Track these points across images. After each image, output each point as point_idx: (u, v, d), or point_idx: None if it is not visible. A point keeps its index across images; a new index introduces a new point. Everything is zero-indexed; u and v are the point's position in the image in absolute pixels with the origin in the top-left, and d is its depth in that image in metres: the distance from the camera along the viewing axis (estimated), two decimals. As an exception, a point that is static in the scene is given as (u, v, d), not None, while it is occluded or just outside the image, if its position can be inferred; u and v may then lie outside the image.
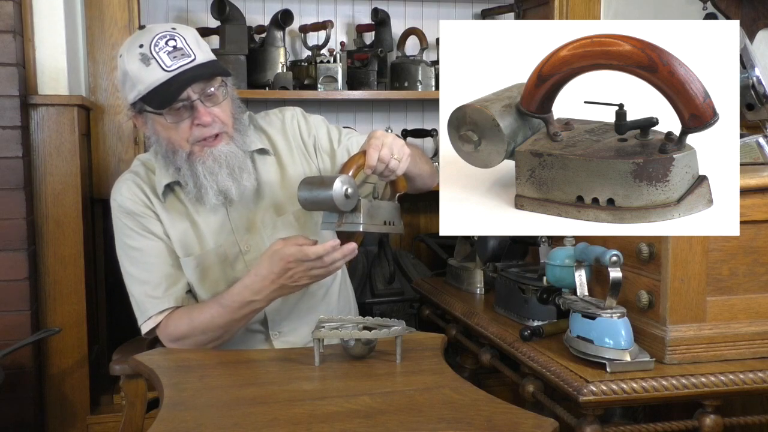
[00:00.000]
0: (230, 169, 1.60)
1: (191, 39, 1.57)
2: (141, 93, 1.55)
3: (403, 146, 1.53)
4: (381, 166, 1.49)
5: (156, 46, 1.53)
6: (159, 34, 1.55)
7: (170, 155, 1.61)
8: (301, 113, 1.81)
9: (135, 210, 1.67)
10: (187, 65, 1.53)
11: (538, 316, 1.68)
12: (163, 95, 1.53)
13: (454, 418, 1.19)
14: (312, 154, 1.77)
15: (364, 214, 1.47)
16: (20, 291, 2.14)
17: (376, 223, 1.50)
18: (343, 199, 1.44)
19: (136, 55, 1.54)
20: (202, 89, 1.55)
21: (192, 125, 1.57)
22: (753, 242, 1.46)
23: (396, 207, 1.57)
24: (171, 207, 1.68)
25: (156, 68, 1.52)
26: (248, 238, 1.69)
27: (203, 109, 1.55)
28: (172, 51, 1.53)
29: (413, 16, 3.12)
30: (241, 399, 1.29)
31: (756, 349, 1.45)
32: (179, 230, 1.67)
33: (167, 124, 1.57)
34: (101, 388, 2.48)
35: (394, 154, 1.50)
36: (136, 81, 1.54)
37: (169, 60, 1.52)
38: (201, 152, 1.59)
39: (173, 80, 1.52)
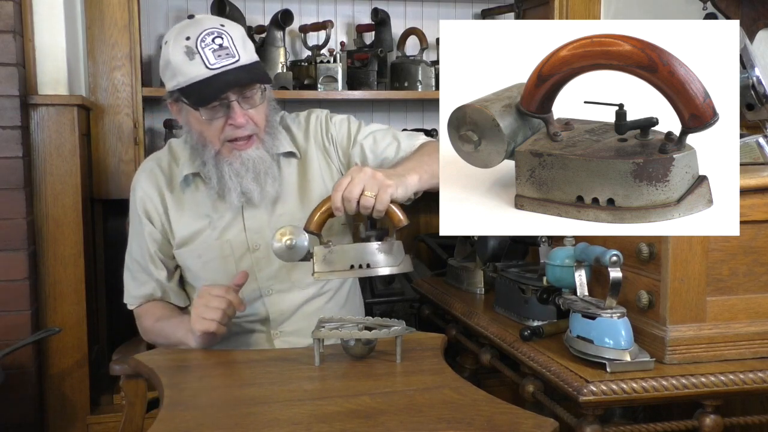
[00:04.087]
0: (256, 173, 1.63)
1: (238, 39, 1.57)
2: (180, 84, 1.56)
3: (383, 179, 1.44)
4: (349, 205, 1.43)
5: (202, 42, 1.54)
6: (207, 30, 1.55)
7: (199, 148, 1.63)
8: (326, 116, 1.80)
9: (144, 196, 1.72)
10: (231, 66, 1.54)
11: (538, 316, 1.68)
12: (202, 93, 1.54)
13: (454, 418, 1.18)
14: (333, 156, 1.77)
15: (317, 262, 1.44)
16: (20, 291, 2.14)
17: (337, 269, 1.43)
18: (286, 251, 1.44)
19: (181, 47, 1.55)
20: (241, 90, 1.57)
21: (226, 124, 1.58)
22: (753, 242, 1.46)
23: (383, 246, 1.46)
24: (187, 197, 1.71)
25: (199, 64, 1.53)
26: (258, 238, 1.70)
27: (239, 111, 1.57)
28: (217, 49, 1.54)
29: (413, 16, 3.12)
30: (241, 399, 1.29)
31: (756, 349, 1.45)
32: (189, 220, 1.71)
33: (201, 119, 1.58)
34: (101, 388, 2.48)
35: (366, 191, 1.42)
36: (177, 72, 1.56)
37: (214, 58, 1.53)
38: (230, 153, 1.62)
39: (214, 79, 1.53)
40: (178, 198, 1.72)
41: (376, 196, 1.42)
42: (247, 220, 1.70)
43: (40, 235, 2.23)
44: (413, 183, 1.52)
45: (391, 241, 1.47)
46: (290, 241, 1.44)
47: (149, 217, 1.72)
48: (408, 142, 1.76)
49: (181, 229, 1.71)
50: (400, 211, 1.47)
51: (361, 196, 1.42)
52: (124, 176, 2.49)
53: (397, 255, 1.46)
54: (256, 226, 1.71)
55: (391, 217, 1.46)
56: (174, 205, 1.72)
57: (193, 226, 1.71)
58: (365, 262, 1.43)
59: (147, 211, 1.72)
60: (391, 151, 1.75)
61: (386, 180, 1.44)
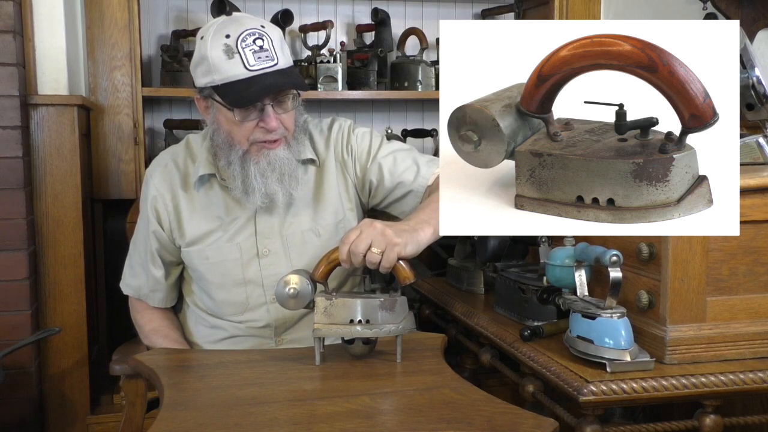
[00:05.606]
0: (281, 175, 1.62)
1: (277, 41, 1.57)
2: (215, 82, 1.55)
3: (392, 237, 1.42)
4: (356, 258, 1.41)
5: (243, 42, 1.53)
6: (248, 30, 1.54)
7: (226, 148, 1.62)
8: (348, 126, 1.79)
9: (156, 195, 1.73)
10: (269, 69, 1.54)
11: (538, 316, 1.68)
12: (239, 94, 1.53)
13: (454, 418, 1.19)
14: (350, 169, 1.77)
15: (318, 313, 1.43)
16: (20, 291, 2.14)
17: (337, 323, 1.42)
18: (288, 299, 1.44)
19: (220, 44, 1.53)
20: (275, 95, 1.56)
21: (257, 126, 1.58)
22: (753, 242, 1.46)
23: (386, 302, 1.44)
24: (200, 197, 1.71)
25: (238, 63, 1.52)
26: (268, 243, 1.70)
27: (273, 114, 1.57)
28: (258, 51, 1.53)
29: (413, 16, 3.12)
30: (241, 399, 1.29)
31: (756, 349, 1.45)
32: (200, 220, 1.70)
33: (233, 119, 1.57)
34: (101, 388, 2.48)
35: (373, 247, 1.41)
36: (213, 69, 1.54)
37: (253, 59, 1.52)
38: (257, 153, 1.61)
39: (253, 81, 1.52)
40: (191, 197, 1.71)
41: (383, 253, 1.41)
42: (259, 225, 1.70)
43: (40, 235, 2.23)
44: (425, 238, 1.49)
45: (395, 298, 1.45)
46: (294, 290, 1.44)
47: (158, 218, 1.72)
48: (427, 170, 1.74)
49: (191, 229, 1.71)
50: (408, 268, 1.45)
51: (368, 251, 1.41)
52: (124, 176, 2.49)
53: (399, 312, 1.45)
54: (267, 231, 1.70)
55: (398, 274, 1.45)
56: (186, 204, 1.71)
57: (204, 227, 1.71)
58: (366, 318, 1.42)
59: (157, 211, 1.72)
60: (409, 175, 1.73)
61: (395, 238, 1.42)
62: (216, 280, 1.70)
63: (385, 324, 1.42)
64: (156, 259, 1.75)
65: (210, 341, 1.76)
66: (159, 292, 1.78)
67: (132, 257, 1.82)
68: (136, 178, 2.49)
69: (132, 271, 1.81)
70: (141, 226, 1.78)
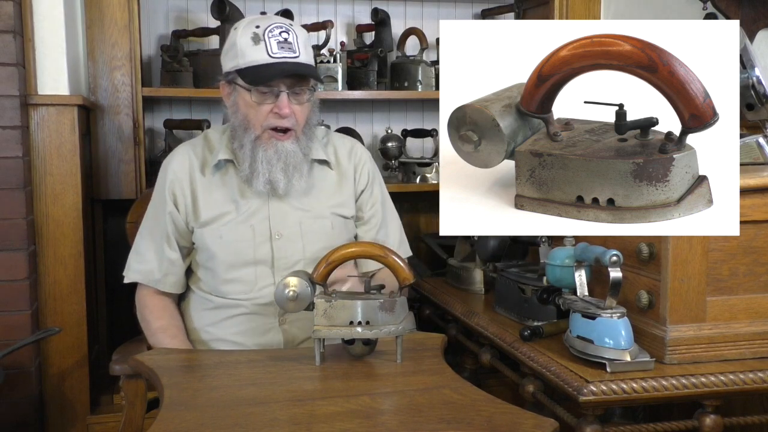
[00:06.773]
0: (286, 165, 1.71)
1: (302, 39, 1.69)
2: (239, 66, 1.68)
3: None
4: None
5: (270, 33, 1.66)
6: (276, 24, 1.68)
7: (241, 131, 1.72)
8: (369, 157, 1.91)
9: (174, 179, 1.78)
10: (290, 59, 1.66)
11: (538, 316, 1.68)
12: (258, 74, 1.65)
13: (454, 418, 1.19)
14: (351, 187, 1.85)
15: (318, 315, 1.43)
16: (20, 291, 2.14)
17: (336, 325, 1.43)
18: (287, 301, 1.45)
19: (249, 33, 1.67)
20: (292, 84, 1.67)
21: (270, 111, 1.68)
22: (753, 242, 1.46)
23: (386, 303, 1.44)
24: (217, 180, 1.78)
25: (262, 50, 1.65)
26: (282, 227, 1.76)
27: (286, 101, 1.67)
28: (282, 42, 1.66)
29: (413, 16, 3.12)
30: (241, 399, 1.29)
31: (756, 349, 1.45)
32: (217, 202, 1.77)
33: (250, 102, 1.68)
34: (101, 388, 2.48)
35: None
36: (239, 54, 1.67)
37: (277, 48, 1.65)
38: (268, 141, 1.71)
39: (272, 66, 1.64)
40: (208, 180, 1.78)
41: None
42: (272, 209, 1.76)
43: (40, 234, 2.23)
44: None
45: (394, 299, 1.45)
46: (293, 292, 1.45)
47: (175, 201, 1.78)
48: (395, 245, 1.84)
49: (206, 210, 1.76)
50: (407, 267, 1.46)
51: None
52: (124, 176, 2.49)
53: (399, 313, 1.44)
54: (280, 214, 1.76)
55: (398, 274, 1.46)
56: (203, 186, 1.77)
57: (220, 208, 1.76)
58: (365, 319, 1.43)
59: (174, 194, 1.77)
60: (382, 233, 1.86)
61: None
62: (228, 258, 1.74)
63: (385, 325, 1.43)
64: (172, 241, 1.78)
65: (212, 323, 1.76)
66: (172, 276, 1.79)
67: (139, 245, 1.83)
68: (136, 178, 2.49)
69: (140, 257, 1.81)
70: (154, 212, 1.82)
